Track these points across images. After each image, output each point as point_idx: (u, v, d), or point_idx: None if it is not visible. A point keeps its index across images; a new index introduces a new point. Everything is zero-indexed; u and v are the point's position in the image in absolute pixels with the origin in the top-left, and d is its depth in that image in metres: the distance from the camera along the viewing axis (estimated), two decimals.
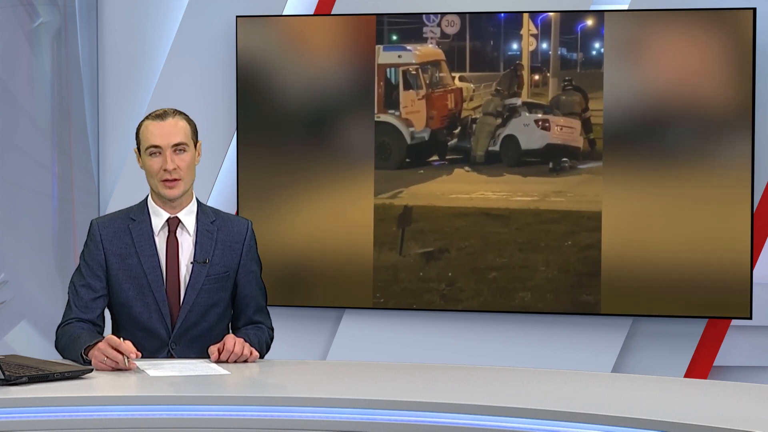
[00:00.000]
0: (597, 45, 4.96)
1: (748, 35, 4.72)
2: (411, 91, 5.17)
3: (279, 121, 5.09)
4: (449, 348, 5.06)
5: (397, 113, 5.17)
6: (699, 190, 4.80)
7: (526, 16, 5.02)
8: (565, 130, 5.08)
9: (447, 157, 5.15)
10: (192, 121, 3.43)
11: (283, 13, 5.14)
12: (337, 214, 5.15)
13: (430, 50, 5.16)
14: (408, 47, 5.15)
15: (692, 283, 4.83)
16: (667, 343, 4.96)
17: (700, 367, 4.93)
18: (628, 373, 4.87)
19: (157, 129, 3.37)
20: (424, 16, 5.10)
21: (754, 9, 4.72)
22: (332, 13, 5.09)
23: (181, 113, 3.42)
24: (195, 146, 3.42)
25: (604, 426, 2.67)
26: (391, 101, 5.18)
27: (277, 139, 5.10)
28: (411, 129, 5.18)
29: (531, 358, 4.94)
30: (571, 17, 4.96)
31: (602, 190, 4.96)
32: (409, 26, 5.15)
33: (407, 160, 5.18)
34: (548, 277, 5.04)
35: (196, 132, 3.43)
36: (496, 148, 5.12)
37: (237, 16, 5.08)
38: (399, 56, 5.17)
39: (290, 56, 5.09)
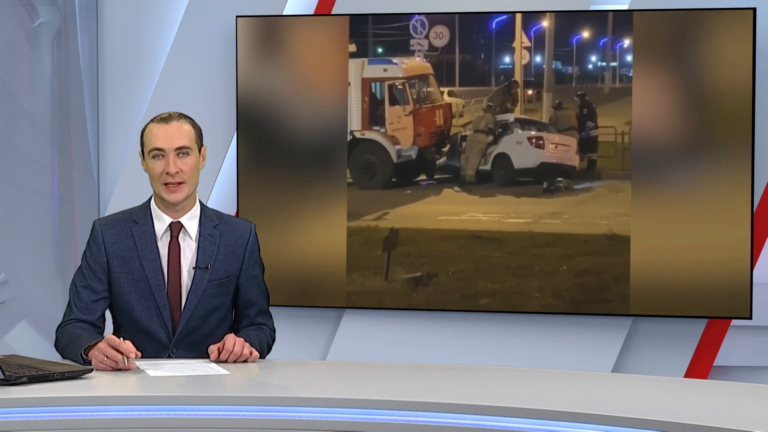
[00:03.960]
0: (594, 58, 4.82)
1: (748, 35, 4.71)
2: (397, 106, 4.95)
3: (279, 121, 5.08)
4: (449, 348, 5.06)
5: (382, 130, 4.96)
6: (699, 190, 4.79)
7: (518, 28, 4.86)
8: (560, 148, 4.87)
9: (435, 177, 4.95)
10: (197, 125, 3.42)
11: (283, 13, 5.14)
12: (313, 232, 5.01)
13: (417, 64, 4.94)
14: (394, 60, 4.94)
15: (692, 283, 4.81)
16: (667, 343, 4.96)
17: (700, 367, 4.93)
18: (628, 373, 4.87)
19: (160, 132, 3.35)
20: (411, 27, 4.91)
21: (754, 9, 4.72)
22: (332, 13, 5.08)
23: (186, 117, 3.41)
24: (199, 151, 3.41)
25: (604, 426, 2.67)
26: (376, 117, 4.96)
27: (277, 139, 5.08)
28: (397, 147, 4.96)
29: (531, 358, 4.94)
30: (566, 26, 4.85)
31: (631, 210, 4.80)
32: (396, 38, 4.94)
33: (393, 179, 4.98)
34: (542, 303, 4.88)
35: (201, 136, 3.42)
36: (488, 167, 4.91)
37: (237, 16, 5.08)
38: (384, 70, 4.94)
39: (290, 56, 5.07)
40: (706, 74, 4.77)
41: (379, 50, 4.96)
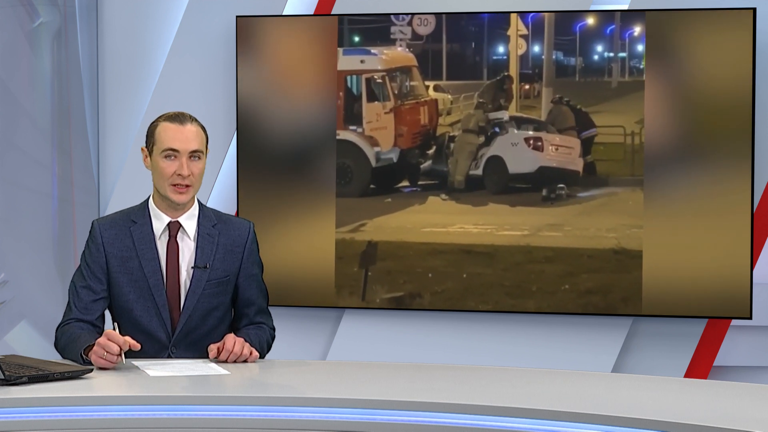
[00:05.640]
0: (600, 48, 4.59)
1: (748, 35, 4.71)
2: (376, 103, 4.56)
3: (279, 121, 5.08)
4: (449, 348, 5.06)
5: (359, 130, 4.57)
6: (698, 191, 4.79)
7: (514, 14, 4.59)
8: (561, 151, 4.50)
9: (419, 183, 4.61)
10: (205, 129, 3.43)
11: (283, 13, 5.14)
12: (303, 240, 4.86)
13: (399, 54, 4.53)
14: (373, 50, 4.54)
15: (692, 283, 4.80)
16: (667, 343, 4.96)
17: (700, 367, 4.93)
18: (628, 373, 4.87)
19: (177, 133, 3.35)
20: (392, 14, 4.58)
21: (754, 9, 4.72)
22: (332, 13, 5.08)
23: (196, 120, 3.41)
24: (206, 155, 3.42)
25: (604, 426, 2.67)
26: (352, 116, 4.56)
27: (277, 139, 5.08)
28: (376, 149, 4.59)
29: (531, 358, 4.94)
30: (567, 15, 4.69)
31: (644, 221, 4.52)
32: (374, 25, 4.52)
33: (371, 186, 4.61)
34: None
35: (208, 141, 3.43)
36: (479, 171, 4.55)
37: (237, 16, 5.08)
38: (362, 61, 4.54)
39: (290, 56, 5.07)
40: (706, 74, 4.77)
41: (356, 39, 4.57)
